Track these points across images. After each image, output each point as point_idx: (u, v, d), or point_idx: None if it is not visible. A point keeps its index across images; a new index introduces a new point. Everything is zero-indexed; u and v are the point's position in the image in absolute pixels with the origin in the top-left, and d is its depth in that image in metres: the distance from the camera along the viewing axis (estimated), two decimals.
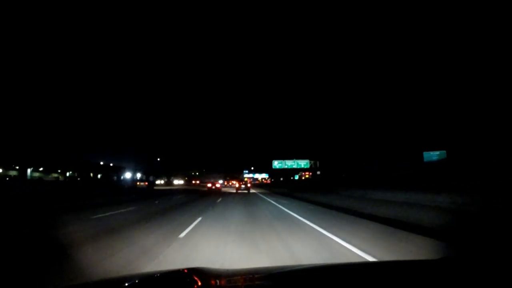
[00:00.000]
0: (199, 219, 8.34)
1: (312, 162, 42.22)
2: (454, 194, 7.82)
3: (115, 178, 58.15)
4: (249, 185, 31.13)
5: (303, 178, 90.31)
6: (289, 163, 42.77)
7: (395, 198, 10.61)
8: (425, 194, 9.23)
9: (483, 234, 5.10)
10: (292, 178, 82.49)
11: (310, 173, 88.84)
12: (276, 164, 43.17)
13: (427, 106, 29.03)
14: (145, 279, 1.50)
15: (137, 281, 1.42)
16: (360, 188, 15.60)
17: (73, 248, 4.58)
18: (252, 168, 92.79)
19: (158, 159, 67.21)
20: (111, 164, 60.14)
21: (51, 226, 6.92)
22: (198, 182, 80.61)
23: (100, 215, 8.95)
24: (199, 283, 1.26)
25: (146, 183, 51.68)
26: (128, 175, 57.16)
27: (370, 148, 34.54)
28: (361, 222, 7.74)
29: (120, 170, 58.08)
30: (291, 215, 9.57)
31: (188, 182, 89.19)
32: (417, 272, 1.39)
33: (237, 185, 31.22)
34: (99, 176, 57.25)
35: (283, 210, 11.36)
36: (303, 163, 42.61)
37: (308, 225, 7.28)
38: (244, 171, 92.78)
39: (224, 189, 41.14)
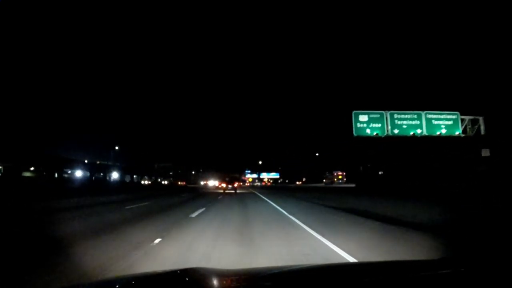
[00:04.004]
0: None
1: (467, 119, 17.33)
2: None
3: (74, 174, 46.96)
4: (235, 185, 34.03)
5: (334, 181, 64.37)
6: (408, 118, 17.59)
7: None
8: None
9: None
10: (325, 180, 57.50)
11: (344, 173, 63.21)
12: (365, 120, 17.87)
13: None
14: (143, 279, 1.49)
15: (135, 281, 1.42)
16: None
17: None
18: (260, 162, 77.13)
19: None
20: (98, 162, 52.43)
21: None
22: (206, 182, 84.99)
23: None
24: (199, 283, 1.27)
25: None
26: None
27: None
28: None
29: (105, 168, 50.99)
30: None
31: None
32: (416, 272, 1.41)
33: (224, 185, 33.77)
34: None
35: None
36: (444, 120, 17.53)
37: None
38: (246, 171, 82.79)
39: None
